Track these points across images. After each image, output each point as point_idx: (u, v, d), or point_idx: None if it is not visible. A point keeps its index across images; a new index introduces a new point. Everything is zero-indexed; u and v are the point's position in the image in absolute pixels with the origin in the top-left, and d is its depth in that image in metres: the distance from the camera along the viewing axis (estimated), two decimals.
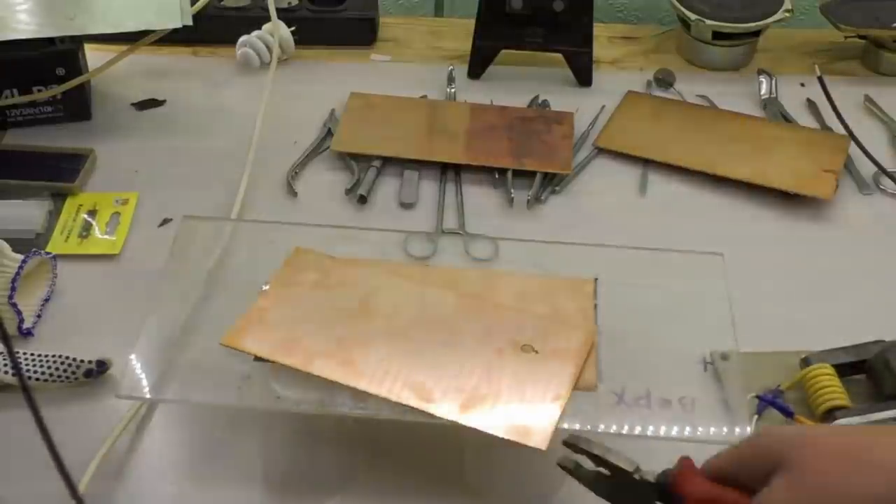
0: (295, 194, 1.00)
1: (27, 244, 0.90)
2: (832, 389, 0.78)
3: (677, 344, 0.76)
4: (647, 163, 1.05)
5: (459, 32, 1.23)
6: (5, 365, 0.78)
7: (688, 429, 0.71)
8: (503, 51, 1.17)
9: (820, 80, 1.08)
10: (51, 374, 0.79)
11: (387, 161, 1.04)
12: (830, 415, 0.77)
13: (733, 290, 0.79)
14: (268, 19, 1.15)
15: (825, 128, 1.10)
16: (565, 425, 0.70)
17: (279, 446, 0.75)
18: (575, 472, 0.65)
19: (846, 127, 1.06)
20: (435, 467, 0.76)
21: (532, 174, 1.02)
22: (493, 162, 1.03)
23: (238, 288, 0.81)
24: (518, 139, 1.06)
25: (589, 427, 0.70)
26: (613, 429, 0.70)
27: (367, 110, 1.11)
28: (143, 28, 1.01)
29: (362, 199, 0.99)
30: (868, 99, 1.15)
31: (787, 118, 1.13)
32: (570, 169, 1.02)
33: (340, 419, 0.75)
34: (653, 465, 0.63)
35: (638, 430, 0.70)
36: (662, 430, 0.70)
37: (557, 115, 1.10)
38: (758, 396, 0.78)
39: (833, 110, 1.07)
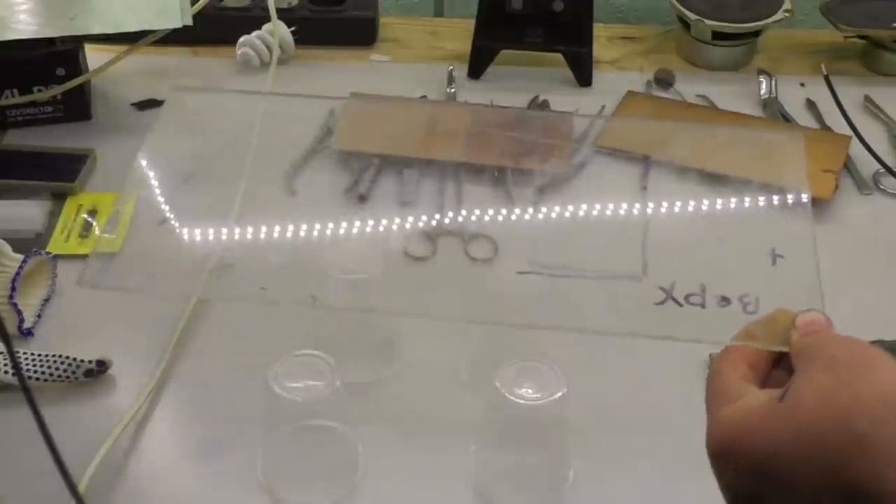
0: (294, 193, 1.00)
1: (27, 244, 0.90)
2: None
3: (742, 233, 0.66)
4: (647, 162, 1.05)
5: (459, 32, 1.23)
6: (5, 365, 0.78)
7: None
8: (503, 51, 1.17)
9: (826, 78, 1.08)
10: (51, 374, 0.79)
11: (386, 160, 1.04)
12: None
13: None
14: (268, 19, 1.14)
15: (825, 128, 1.10)
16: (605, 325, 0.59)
17: (279, 446, 0.75)
18: None
19: (851, 125, 1.06)
20: (439, 464, 0.76)
21: (532, 173, 1.02)
22: (493, 161, 1.03)
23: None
24: (518, 139, 1.06)
25: (626, 330, 0.60)
26: (657, 332, 0.60)
27: (367, 110, 1.11)
28: (143, 28, 1.01)
29: (362, 198, 0.99)
30: (868, 99, 1.14)
31: (786, 118, 1.12)
32: (569, 168, 1.02)
33: (344, 419, 0.75)
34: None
35: (687, 334, 0.60)
36: (716, 336, 0.56)
37: (557, 115, 1.10)
38: None
39: (839, 108, 1.07)
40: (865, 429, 0.43)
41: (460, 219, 0.97)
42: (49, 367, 0.79)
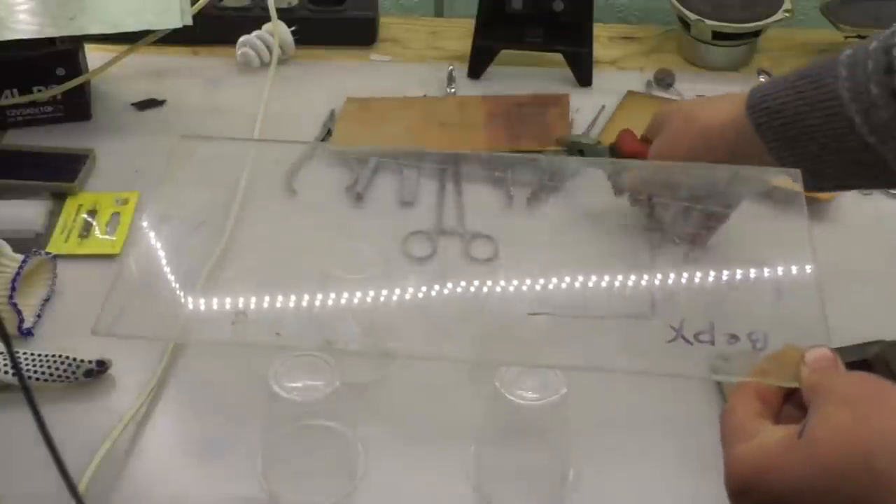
0: (294, 193, 1.00)
1: (27, 244, 0.90)
2: None
3: (746, 271, 0.68)
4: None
5: (459, 32, 1.23)
6: (5, 365, 0.78)
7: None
8: (503, 51, 1.17)
9: None
10: (51, 374, 0.79)
11: (386, 159, 1.04)
12: None
13: None
14: (268, 19, 1.15)
15: None
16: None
17: (279, 446, 0.75)
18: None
19: None
20: (439, 464, 0.76)
21: (531, 173, 1.01)
22: (490, 146, 1.03)
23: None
24: (514, 123, 1.06)
25: (641, 368, 0.62)
26: (671, 369, 0.63)
27: (364, 112, 1.11)
28: (143, 28, 1.01)
29: (360, 198, 0.99)
30: None
31: None
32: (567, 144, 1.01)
33: (344, 419, 0.75)
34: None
35: (700, 371, 0.63)
36: (727, 373, 0.59)
37: (552, 98, 1.10)
38: None
39: None
40: (884, 465, 0.44)
41: (460, 219, 0.97)
42: (49, 367, 0.79)
